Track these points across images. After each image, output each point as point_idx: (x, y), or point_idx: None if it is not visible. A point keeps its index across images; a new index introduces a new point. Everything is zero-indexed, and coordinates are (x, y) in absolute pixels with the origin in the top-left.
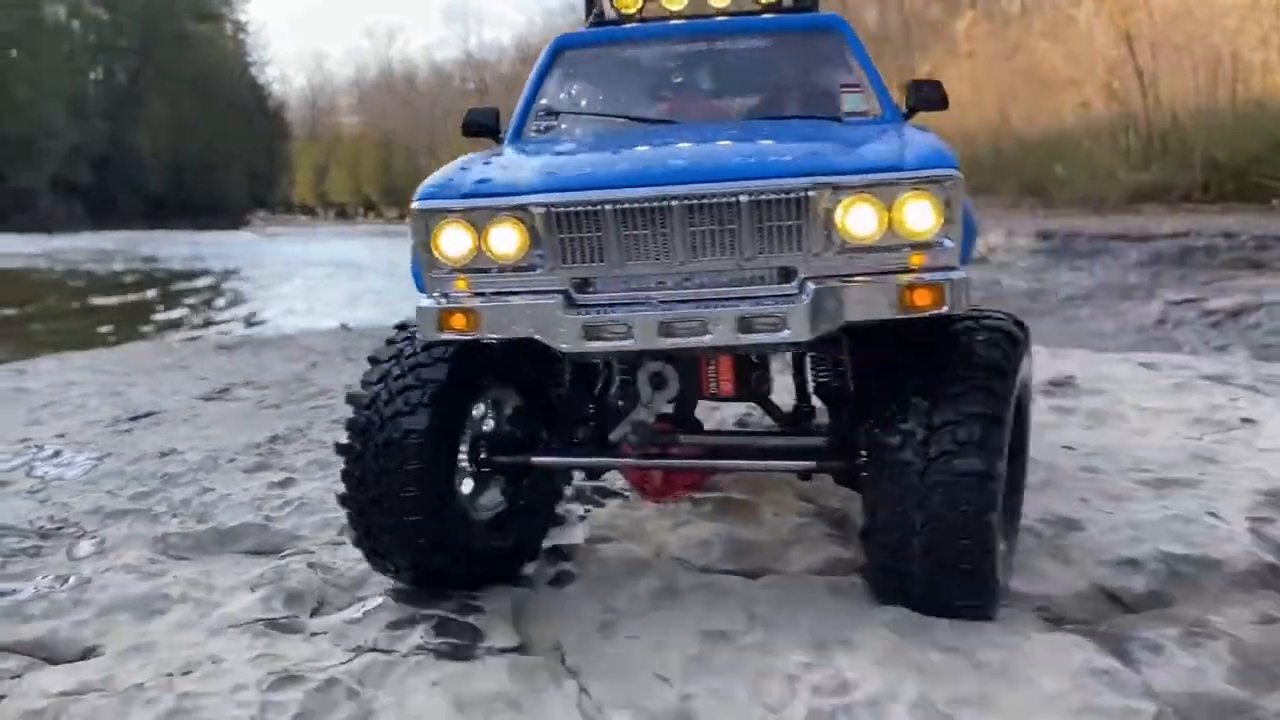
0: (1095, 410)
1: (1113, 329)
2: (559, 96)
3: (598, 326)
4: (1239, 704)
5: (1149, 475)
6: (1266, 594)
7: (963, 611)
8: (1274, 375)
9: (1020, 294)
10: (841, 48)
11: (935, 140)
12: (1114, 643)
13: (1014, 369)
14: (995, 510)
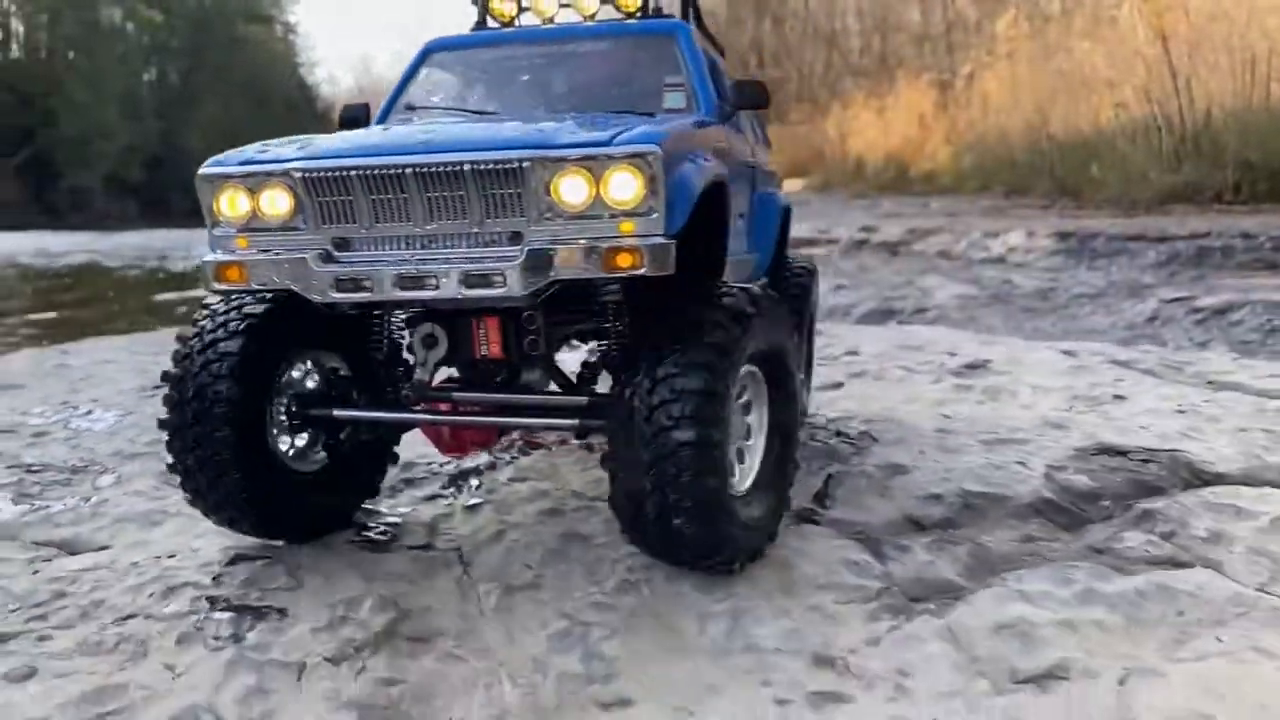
0: (991, 387)
1: (1106, 325)
2: (421, 93)
3: (343, 279)
4: (951, 585)
5: (993, 436)
6: (1035, 520)
7: (702, 568)
8: (1176, 362)
9: (1030, 293)
10: (674, 51)
11: (662, 127)
12: (874, 545)
13: (739, 346)
14: (716, 474)
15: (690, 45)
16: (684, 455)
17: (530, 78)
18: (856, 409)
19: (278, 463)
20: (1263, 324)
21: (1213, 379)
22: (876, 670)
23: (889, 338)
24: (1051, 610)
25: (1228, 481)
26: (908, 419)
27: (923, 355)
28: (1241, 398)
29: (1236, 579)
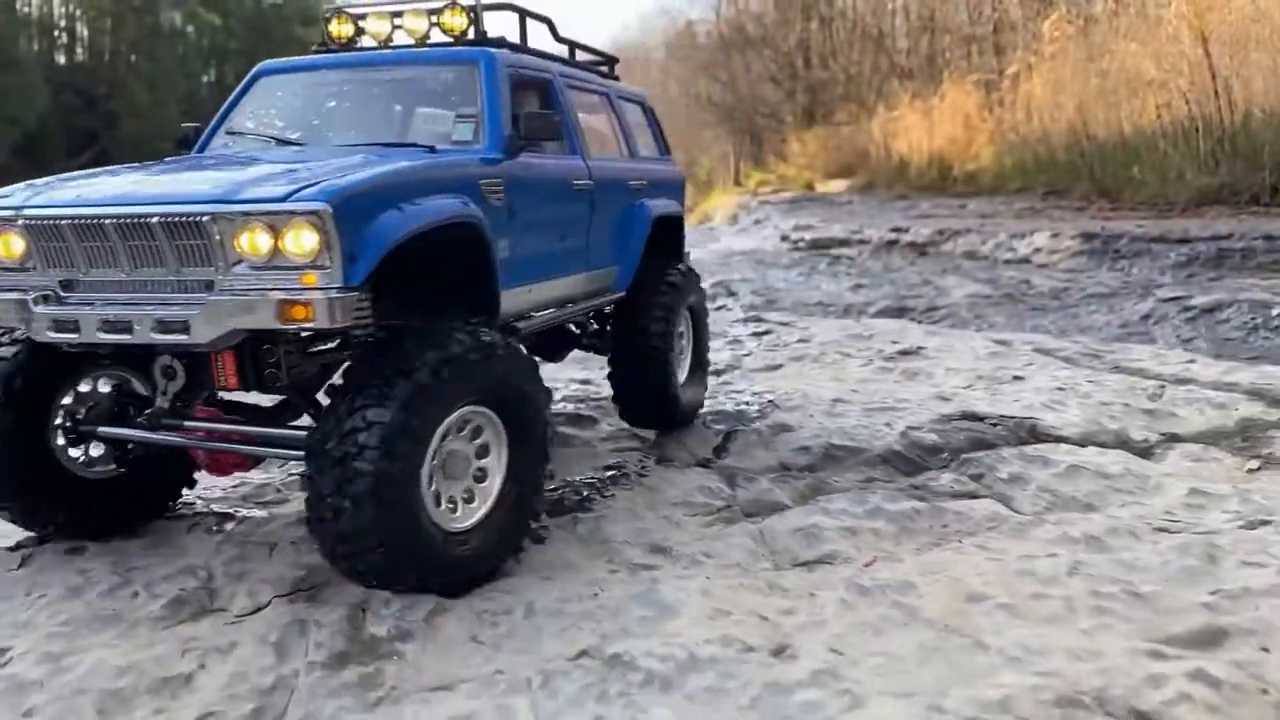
0: (911, 369)
1: (1103, 322)
2: (243, 119)
3: (58, 320)
4: (780, 505)
5: (878, 405)
6: (880, 467)
7: (405, 587)
8: (1098, 350)
9: (1044, 293)
10: (473, 81)
11: (356, 177)
12: (731, 478)
13: (449, 387)
14: (399, 506)
15: (491, 75)
16: (361, 485)
17: (339, 105)
18: (780, 385)
19: (62, 470)
20: (1246, 322)
21: (1121, 365)
22: (689, 553)
23: (844, 328)
24: (842, 520)
25: (1058, 440)
26: (817, 393)
27: (866, 343)
28: (1125, 379)
29: (1015, 508)
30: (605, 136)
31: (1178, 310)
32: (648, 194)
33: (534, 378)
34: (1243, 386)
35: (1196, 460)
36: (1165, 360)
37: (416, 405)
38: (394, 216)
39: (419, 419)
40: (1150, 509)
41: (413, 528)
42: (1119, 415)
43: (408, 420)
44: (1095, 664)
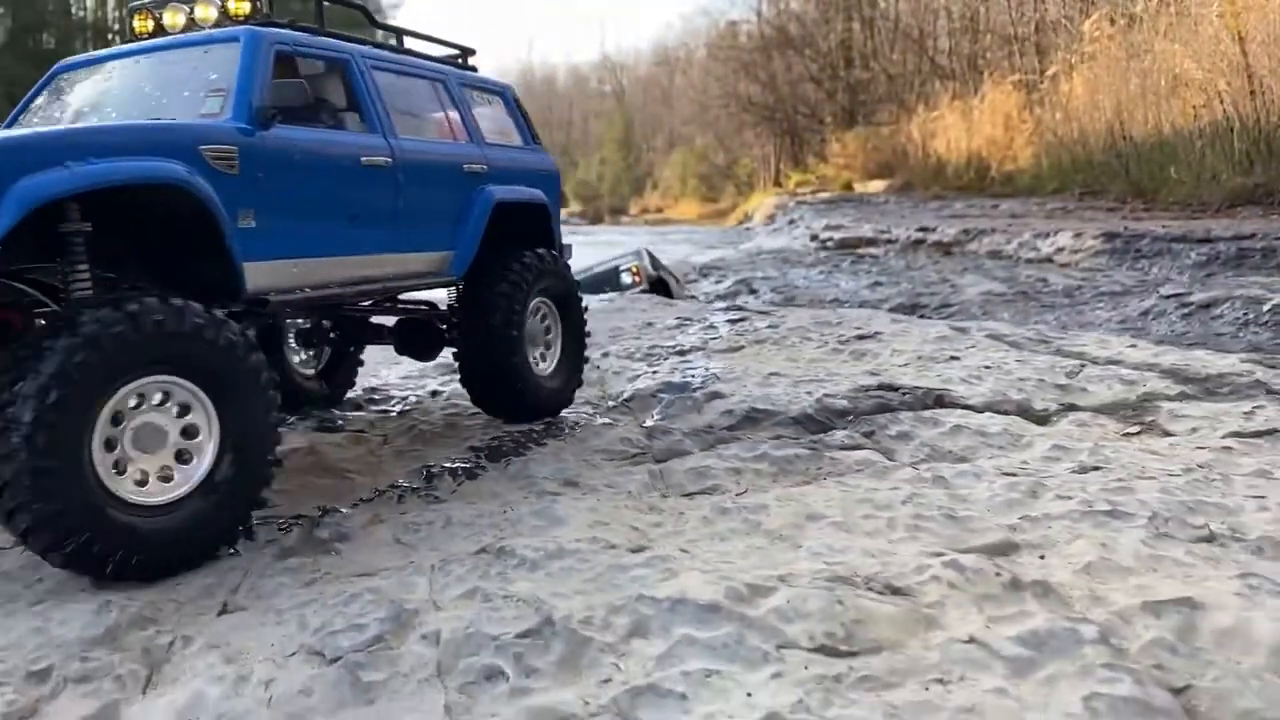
0: (861, 350)
1: (1103, 319)
2: (33, 114)
3: None
4: (686, 451)
5: (807, 378)
6: (791, 427)
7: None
8: (1048, 337)
9: (1057, 291)
10: (231, 59)
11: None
12: (650, 431)
13: (109, 359)
14: (64, 477)
15: (249, 51)
16: (16, 459)
17: (119, 93)
18: (735, 363)
19: None
20: (1238, 317)
21: (1063, 350)
22: (593, 485)
23: (815, 316)
24: (731, 463)
25: (961, 408)
26: (761, 369)
27: (829, 329)
28: (1055, 360)
29: (892, 458)
30: (434, 120)
31: (1176, 306)
32: (492, 180)
33: (245, 351)
34: (1162, 367)
35: (1081, 425)
36: (1107, 345)
37: (69, 377)
38: (56, 175)
39: (74, 391)
40: (1010, 460)
41: (76, 500)
42: (1030, 389)
43: (61, 393)
44: (882, 559)
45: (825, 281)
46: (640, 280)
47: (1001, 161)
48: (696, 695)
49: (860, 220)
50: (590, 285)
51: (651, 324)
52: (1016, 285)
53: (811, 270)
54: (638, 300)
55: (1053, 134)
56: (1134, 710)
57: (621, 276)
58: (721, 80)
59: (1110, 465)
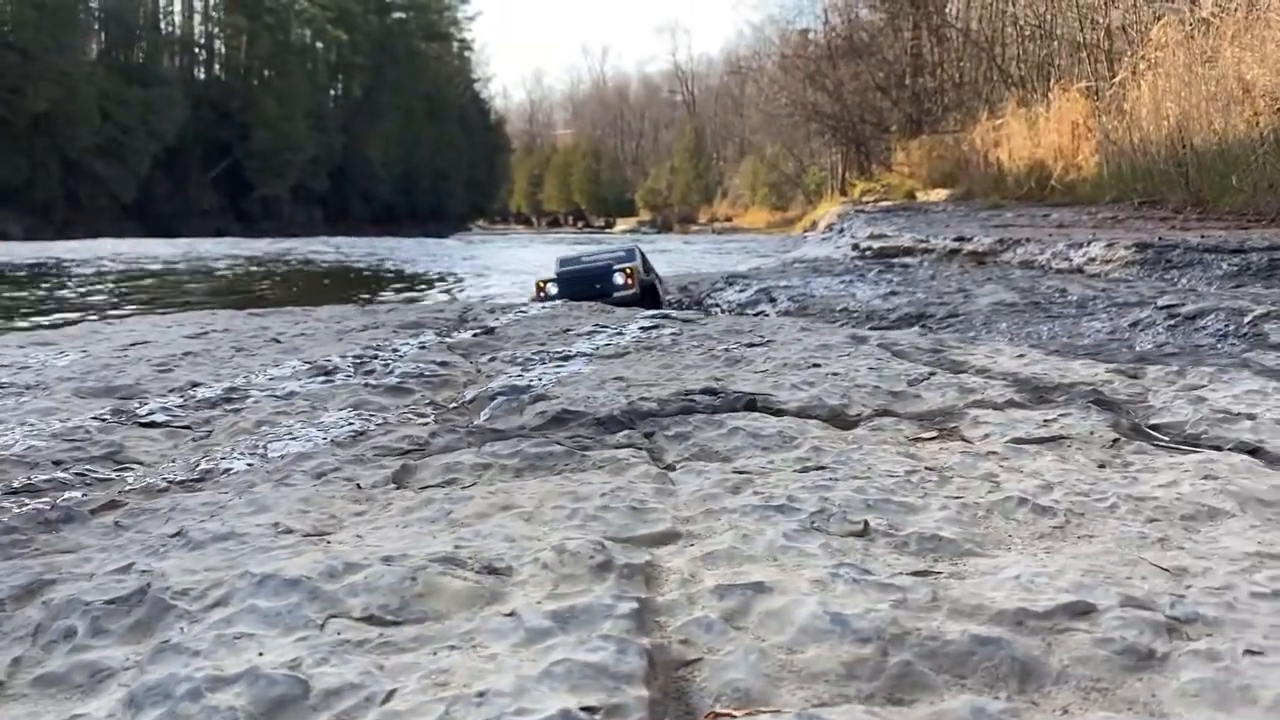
0: (738, 357)
1: (1092, 330)
2: None
3: None
4: (459, 448)
5: (647, 382)
6: (591, 427)
7: None
8: (943, 345)
9: (1069, 302)
10: None
11: None
12: (452, 430)
13: None
14: None
15: None
16: None
17: None
18: (597, 369)
19: None
20: (1219, 329)
21: (945, 359)
22: (337, 477)
23: (737, 325)
24: (484, 459)
25: (769, 412)
26: (614, 374)
27: (731, 338)
28: (914, 369)
29: (657, 456)
30: None
31: (1164, 318)
32: None
33: None
34: (1021, 376)
35: (876, 430)
36: (996, 355)
37: None
38: None
39: None
40: (758, 460)
41: None
42: (860, 396)
43: None
44: (519, 545)
45: (843, 291)
46: (633, 284)
47: (1065, 170)
48: (214, 653)
49: (904, 229)
50: (577, 282)
51: (568, 330)
52: (1033, 296)
53: (834, 280)
54: (576, 308)
55: (1114, 142)
56: (592, 675)
57: (614, 276)
58: (788, 89)
59: (840, 465)
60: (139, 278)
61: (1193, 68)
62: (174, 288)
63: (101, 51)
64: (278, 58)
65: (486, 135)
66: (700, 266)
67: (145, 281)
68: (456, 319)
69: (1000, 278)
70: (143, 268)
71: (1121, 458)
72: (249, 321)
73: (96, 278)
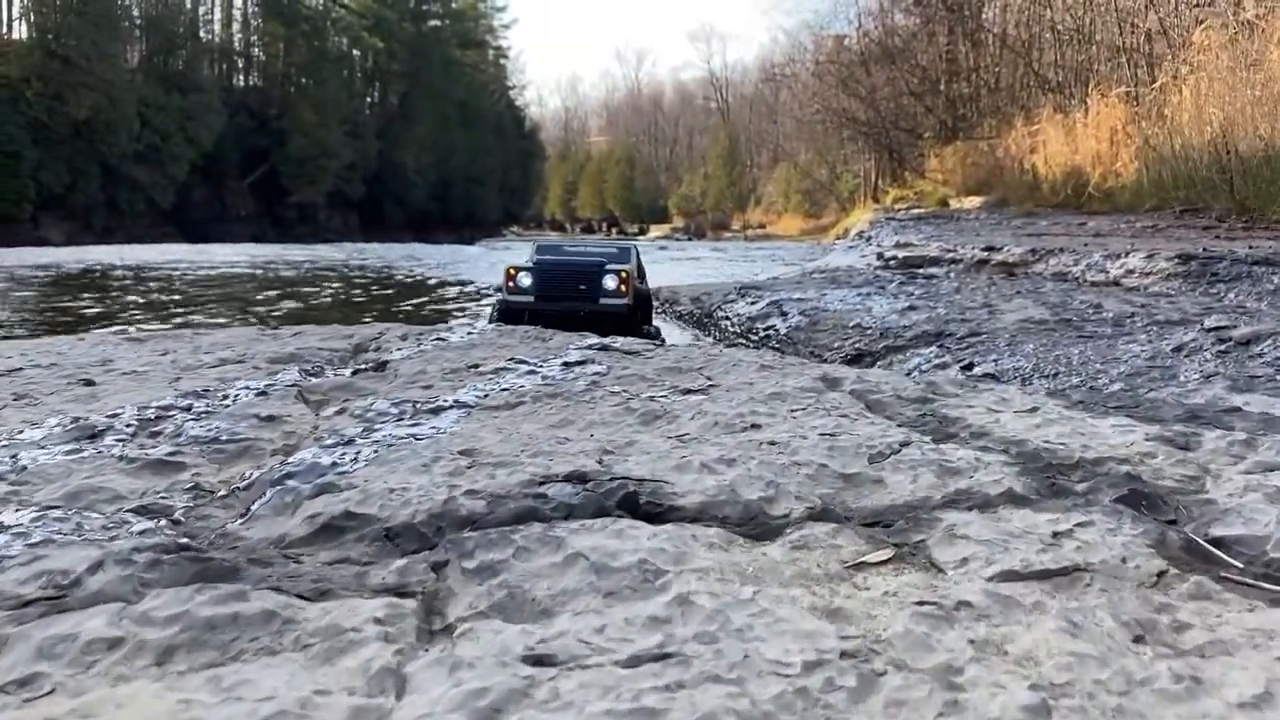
0: (658, 411)
1: (1130, 355)
2: None
3: None
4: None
5: (506, 458)
6: (370, 544)
7: None
8: (932, 395)
9: (1104, 320)
10: None
11: None
12: None
13: None
14: None
15: None
16: None
17: None
18: (463, 429)
19: None
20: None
21: (936, 412)
22: None
23: (673, 363)
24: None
25: (653, 517)
26: (479, 439)
27: (665, 378)
28: (887, 430)
29: (437, 606)
30: None
31: (1213, 342)
32: None
33: None
34: (1029, 445)
35: (799, 548)
36: (1002, 405)
37: None
38: None
39: None
40: (587, 626)
41: None
42: (796, 482)
43: None
44: None
45: (858, 305)
46: (626, 292)
47: (1102, 177)
48: None
49: (932, 238)
50: (557, 277)
51: (475, 366)
52: (1064, 312)
53: (852, 292)
54: (509, 335)
55: (1154, 148)
56: None
57: (605, 279)
58: (820, 95)
59: (705, 645)
60: (118, 286)
61: (1237, 71)
62: (142, 297)
63: (142, 59)
64: (314, 65)
65: (521, 142)
66: (722, 275)
67: (115, 291)
68: (353, 349)
69: (1030, 291)
70: (142, 273)
71: (1171, 615)
72: (92, 351)
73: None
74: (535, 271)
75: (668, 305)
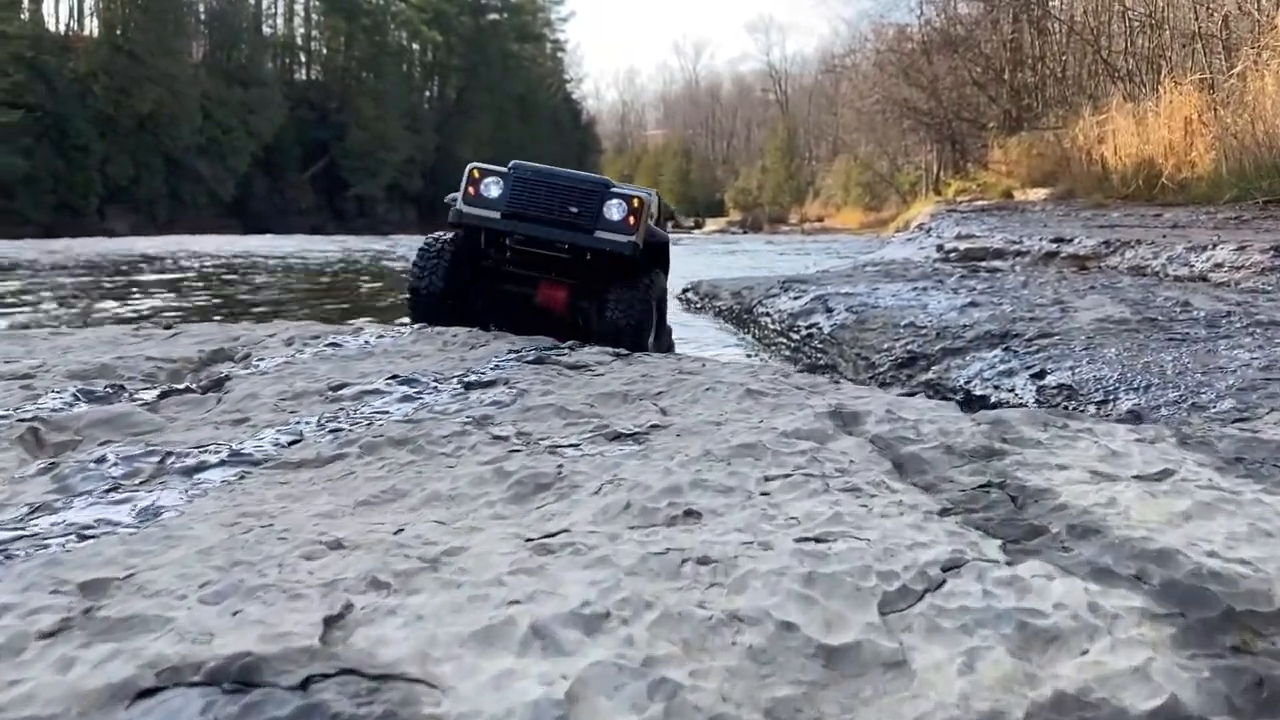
0: (546, 482)
1: (1239, 364)
2: None
3: None
4: None
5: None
6: None
7: None
8: (1000, 443)
9: (1197, 320)
10: None
11: None
12: None
13: None
14: None
15: None
16: None
17: None
18: (182, 524)
19: None
20: None
21: (1003, 474)
22: None
23: (593, 392)
24: None
25: None
26: (194, 547)
27: (581, 420)
28: (914, 520)
29: None
30: None
31: None
32: None
33: None
34: (1182, 568)
35: None
36: (1116, 463)
37: None
38: None
39: None
40: None
41: None
42: (718, 682)
43: None
44: None
45: (913, 301)
46: (635, 228)
47: (1176, 168)
48: None
49: (996, 230)
50: (537, 191)
51: (341, 387)
52: (1147, 310)
53: (907, 286)
54: (433, 338)
55: (1235, 137)
56: None
57: (609, 205)
58: (881, 85)
59: None
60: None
61: None
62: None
63: (205, 53)
64: (374, 59)
65: (577, 135)
66: (772, 268)
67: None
68: (207, 359)
69: (1106, 286)
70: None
71: None
72: None
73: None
74: (511, 181)
75: (706, 300)
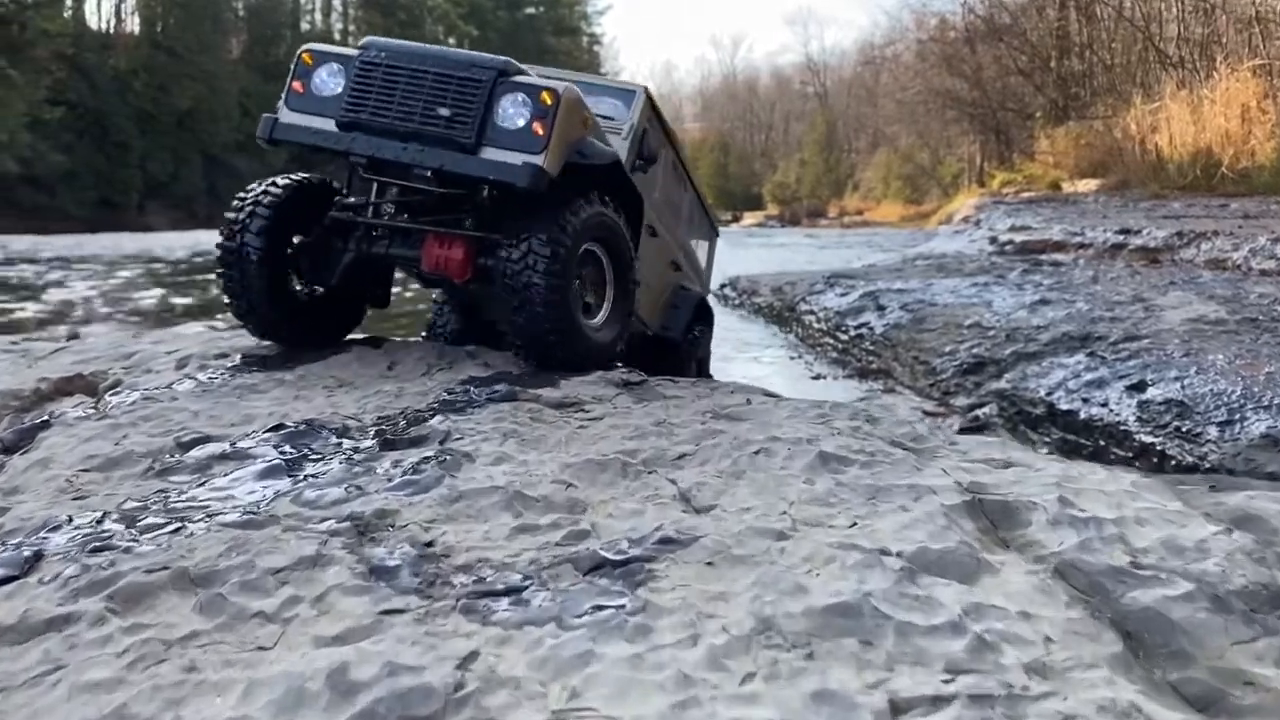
0: None
1: None
2: None
3: None
4: None
5: None
6: None
7: None
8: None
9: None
10: None
11: None
12: None
13: None
14: None
15: None
16: None
17: None
18: None
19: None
20: None
21: None
22: None
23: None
24: None
25: None
26: None
27: (537, 513)
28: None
29: None
30: None
31: None
32: None
33: None
34: None
35: None
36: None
37: None
38: None
39: None
40: None
41: None
42: None
43: None
44: None
45: (974, 298)
46: (548, 138)
47: (1235, 158)
48: None
49: (1052, 221)
50: (393, 92)
51: (195, 444)
52: (1241, 309)
53: (965, 281)
54: (354, 356)
55: None
56: None
57: (501, 103)
58: (922, 75)
59: None
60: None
61: None
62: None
63: (244, 50)
64: None
65: None
66: (814, 262)
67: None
68: (50, 389)
69: (1187, 282)
70: None
71: None
72: None
73: None
74: (356, 64)
75: (745, 297)
